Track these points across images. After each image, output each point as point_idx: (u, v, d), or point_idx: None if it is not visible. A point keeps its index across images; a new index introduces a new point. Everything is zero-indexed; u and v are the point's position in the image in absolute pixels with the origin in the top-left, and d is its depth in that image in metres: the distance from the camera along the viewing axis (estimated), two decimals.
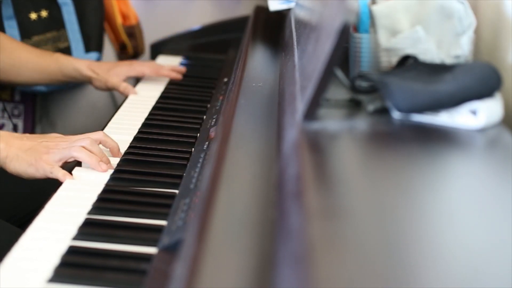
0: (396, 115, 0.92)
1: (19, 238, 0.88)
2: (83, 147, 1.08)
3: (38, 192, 1.26)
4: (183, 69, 1.68)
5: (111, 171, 1.09)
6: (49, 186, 1.03)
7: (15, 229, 1.13)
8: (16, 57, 1.51)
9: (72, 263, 0.83)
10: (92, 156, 1.08)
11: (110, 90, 1.59)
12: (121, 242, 0.88)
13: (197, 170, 1.03)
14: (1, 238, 1.05)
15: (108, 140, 1.15)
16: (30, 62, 1.53)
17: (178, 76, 1.65)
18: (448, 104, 0.89)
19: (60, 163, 1.08)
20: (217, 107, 1.32)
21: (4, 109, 1.70)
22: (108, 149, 1.15)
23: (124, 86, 1.55)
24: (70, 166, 1.12)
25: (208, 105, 1.44)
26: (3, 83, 1.55)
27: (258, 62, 1.47)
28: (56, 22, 1.69)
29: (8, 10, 1.61)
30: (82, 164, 1.10)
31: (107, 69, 1.56)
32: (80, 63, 1.56)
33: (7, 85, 1.59)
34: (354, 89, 0.98)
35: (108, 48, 1.97)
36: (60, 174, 1.06)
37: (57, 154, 1.07)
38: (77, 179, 1.06)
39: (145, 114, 1.39)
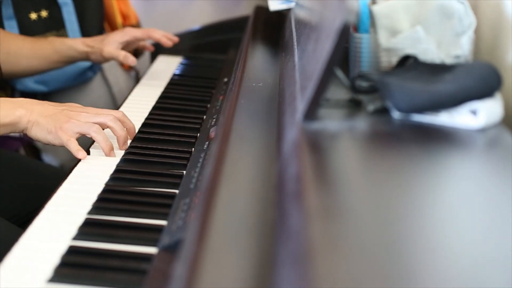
0: (396, 115, 0.92)
1: (20, 238, 0.88)
2: (101, 123, 1.12)
3: (39, 191, 1.26)
4: (175, 38, 1.67)
5: (111, 171, 1.09)
6: (51, 186, 1.04)
7: (16, 229, 1.13)
8: (11, 45, 1.50)
9: (72, 263, 0.83)
10: (108, 141, 1.12)
11: (107, 60, 1.56)
12: (121, 242, 0.88)
13: (197, 170, 1.03)
14: (2, 237, 1.05)
15: (126, 120, 1.18)
16: (26, 49, 1.52)
17: (168, 43, 1.63)
18: (448, 104, 0.89)
19: (78, 135, 1.10)
20: (217, 107, 1.32)
21: None
22: (126, 129, 1.18)
23: (123, 54, 1.52)
24: (71, 166, 1.12)
25: (208, 105, 1.44)
26: (4, 76, 1.54)
27: (258, 62, 1.47)
28: (56, 22, 1.69)
29: (8, 10, 1.62)
30: (83, 163, 1.11)
31: (101, 39, 1.55)
32: (74, 41, 1.55)
33: (8, 78, 1.58)
34: (354, 89, 0.98)
35: None
36: (74, 148, 1.09)
37: (77, 126, 1.09)
38: (78, 179, 1.06)
39: (145, 114, 1.39)
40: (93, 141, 1.20)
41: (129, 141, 1.18)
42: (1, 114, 1.08)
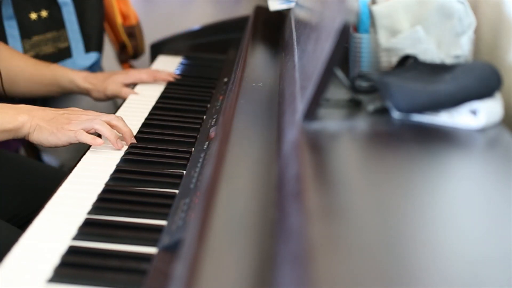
0: (396, 115, 0.92)
1: (19, 238, 0.88)
2: (109, 122, 1.14)
3: (38, 192, 1.26)
4: (178, 76, 1.66)
5: (111, 171, 1.09)
6: (50, 187, 1.04)
7: (16, 230, 1.13)
8: (12, 65, 1.49)
9: (72, 263, 0.83)
10: (113, 131, 1.14)
11: (110, 98, 1.56)
12: (121, 242, 0.88)
13: (197, 170, 1.03)
14: (2, 238, 1.05)
15: (124, 123, 1.19)
16: (27, 72, 1.51)
17: (177, 77, 1.64)
18: (448, 104, 0.89)
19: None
20: (217, 107, 1.32)
21: None
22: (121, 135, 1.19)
23: (126, 91, 1.52)
24: (71, 166, 1.12)
25: (208, 105, 1.44)
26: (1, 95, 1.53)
27: (258, 62, 1.47)
28: (56, 22, 1.69)
29: (8, 10, 1.61)
30: (82, 163, 1.11)
31: (104, 78, 1.54)
32: (76, 75, 1.53)
33: (3, 97, 1.56)
34: (354, 89, 0.98)
35: (108, 48, 1.97)
36: (87, 138, 1.11)
37: (78, 124, 1.12)
38: (78, 179, 1.06)
39: (145, 114, 1.39)
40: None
41: (125, 147, 1.18)
42: (4, 120, 1.10)
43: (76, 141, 1.11)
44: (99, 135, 1.16)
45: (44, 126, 1.11)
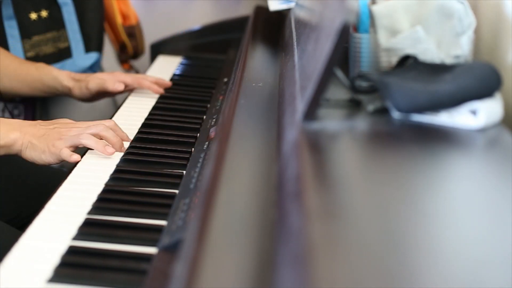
0: (396, 115, 0.92)
1: (19, 239, 0.88)
2: (93, 134, 1.13)
3: (38, 193, 1.26)
4: (167, 83, 1.57)
5: (111, 171, 1.09)
6: (51, 188, 1.04)
7: (16, 231, 1.13)
8: None
9: (72, 263, 0.83)
10: (99, 141, 1.13)
11: (93, 96, 1.49)
12: (121, 242, 0.88)
13: (197, 170, 1.03)
14: (1, 240, 1.05)
15: (117, 129, 1.19)
16: (11, 69, 1.48)
17: (160, 90, 1.53)
18: (448, 104, 0.89)
19: (71, 149, 1.12)
20: (217, 107, 1.32)
21: (4, 109, 1.70)
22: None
23: (112, 81, 1.46)
24: (71, 166, 1.12)
25: (208, 105, 1.44)
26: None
27: (258, 62, 1.47)
28: (56, 22, 1.69)
29: (8, 10, 1.61)
30: (83, 162, 1.11)
31: (87, 75, 1.50)
32: (60, 73, 1.49)
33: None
34: (354, 89, 0.98)
35: (108, 48, 1.97)
36: (67, 155, 1.11)
37: (68, 141, 1.12)
38: (78, 179, 1.06)
39: (145, 114, 1.39)
40: None
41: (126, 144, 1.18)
42: None
43: (62, 158, 1.11)
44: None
45: (36, 143, 1.12)
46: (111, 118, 1.39)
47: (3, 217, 1.21)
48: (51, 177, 1.39)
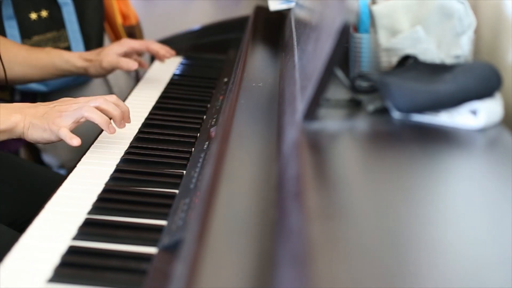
0: (396, 115, 0.92)
1: (19, 240, 0.88)
2: (98, 107, 1.12)
3: (37, 197, 1.26)
4: (173, 51, 1.65)
5: (111, 171, 1.09)
6: (50, 190, 1.04)
7: (16, 234, 1.13)
8: (5, 51, 1.49)
9: (72, 263, 0.83)
10: (103, 116, 1.12)
11: (108, 72, 1.54)
12: (121, 242, 0.88)
13: (197, 170, 1.03)
14: (1, 242, 1.05)
15: (120, 104, 1.18)
16: (20, 56, 1.51)
17: (166, 55, 1.62)
18: (448, 104, 0.89)
19: (73, 125, 1.11)
20: (217, 107, 1.33)
21: None
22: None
23: (125, 61, 1.51)
24: (72, 164, 1.12)
25: (208, 105, 1.44)
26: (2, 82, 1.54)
27: (258, 62, 1.47)
28: (56, 22, 1.69)
29: (8, 10, 1.61)
30: (83, 162, 1.11)
31: (98, 52, 1.53)
32: (71, 55, 1.53)
33: (2, 84, 1.57)
34: (354, 89, 0.98)
35: None
36: (66, 136, 1.09)
37: (69, 117, 1.11)
38: (78, 179, 1.06)
39: (145, 114, 1.39)
40: (92, 143, 1.20)
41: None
42: None
43: (60, 137, 1.09)
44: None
45: (36, 123, 1.10)
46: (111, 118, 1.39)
47: (3, 221, 1.21)
48: (50, 181, 1.38)
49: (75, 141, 1.09)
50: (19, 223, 1.25)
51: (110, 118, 1.15)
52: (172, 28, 2.04)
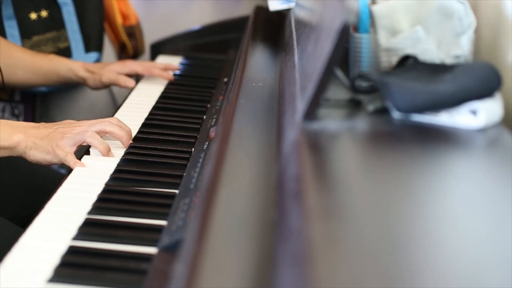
0: (396, 115, 0.92)
1: (20, 238, 0.88)
2: (98, 131, 1.14)
3: (40, 192, 1.26)
4: (176, 66, 1.68)
5: (111, 171, 1.09)
6: (51, 187, 1.04)
7: (18, 229, 1.13)
8: (9, 55, 1.51)
9: (72, 263, 0.83)
10: (104, 143, 1.13)
11: (106, 86, 1.58)
12: (121, 242, 0.88)
13: (197, 170, 1.03)
14: (3, 237, 1.05)
15: (121, 125, 1.19)
16: (24, 61, 1.53)
17: (170, 77, 1.63)
18: (448, 104, 0.89)
19: (75, 148, 1.12)
20: (217, 107, 1.32)
21: (5, 108, 1.70)
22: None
23: (124, 79, 1.55)
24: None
25: (208, 105, 1.44)
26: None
27: (258, 62, 1.47)
28: (56, 22, 1.69)
29: (8, 10, 1.61)
30: (84, 161, 1.11)
31: (101, 66, 1.57)
32: (75, 64, 1.56)
33: (3, 86, 1.58)
34: (354, 89, 0.98)
35: (108, 48, 1.97)
36: (71, 162, 1.10)
37: (71, 139, 1.11)
38: (78, 179, 1.06)
39: (145, 114, 1.39)
40: None
41: (118, 155, 1.17)
42: (0, 138, 1.10)
43: (66, 163, 1.10)
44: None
45: (39, 144, 1.11)
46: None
47: (5, 216, 1.21)
48: (50, 177, 1.39)
49: (79, 164, 1.10)
50: (20, 219, 1.26)
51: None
52: (172, 28, 2.04)
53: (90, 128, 1.13)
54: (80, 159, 1.12)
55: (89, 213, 0.95)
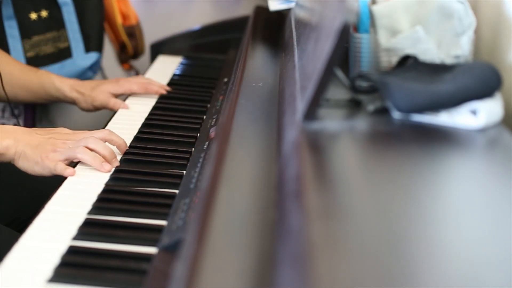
0: (396, 115, 0.92)
1: (19, 239, 0.88)
2: (87, 147, 1.09)
3: (38, 196, 1.26)
4: (169, 88, 1.56)
5: (111, 171, 1.09)
6: (50, 190, 1.03)
7: (15, 234, 1.13)
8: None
9: (72, 263, 0.83)
10: (96, 157, 1.09)
11: (98, 109, 1.49)
12: (121, 242, 0.88)
13: (197, 170, 1.03)
14: (1, 242, 1.05)
15: (113, 138, 1.14)
16: (13, 77, 1.47)
17: (164, 92, 1.54)
18: (448, 104, 0.89)
19: (66, 162, 1.08)
20: (217, 107, 1.33)
21: (5, 109, 1.70)
22: (115, 146, 1.15)
23: (114, 102, 1.45)
24: (72, 165, 1.12)
25: (208, 105, 1.44)
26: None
27: (258, 62, 1.47)
28: (56, 22, 1.69)
29: (8, 10, 1.61)
30: (83, 163, 1.10)
31: (92, 87, 1.48)
32: (62, 83, 1.48)
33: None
34: (354, 89, 0.98)
35: (108, 48, 1.97)
36: (61, 169, 1.07)
37: (62, 154, 1.08)
38: (78, 179, 1.06)
39: (145, 114, 1.39)
40: None
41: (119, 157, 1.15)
42: None
43: (57, 173, 1.07)
44: None
45: (29, 154, 1.08)
46: (111, 118, 1.39)
47: (2, 220, 1.21)
48: (49, 180, 1.38)
49: (69, 171, 1.07)
50: (19, 222, 1.25)
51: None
52: (172, 28, 2.04)
53: (79, 144, 1.09)
54: (74, 174, 1.10)
55: (89, 213, 0.95)
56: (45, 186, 1.13)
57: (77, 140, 1.10)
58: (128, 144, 1.19)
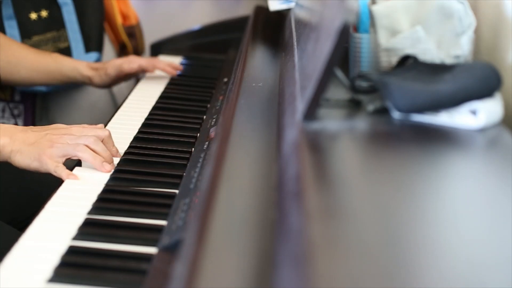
0: (396, 115, 0.92)
1: (19, 239, 0.88)
2: (88, 146, 1.08)
3: (39, 195, 1.26)
4: (179, 66, 1.68)
5: (111, 171, 1.09)
6: (50, 190, 1.03)
7: (16, 232, 1.13)
8: (13, 54, 1.51)
9: (72, 263, 0.83)
10: (97, 157, 1.08)
11: (112, 79, 1.57)
12: (121, 242, 0.88)
13: (197, 170, 1.03)
14: (1, 240, 1.05)
15: (109, 143, 1.13)
16: (28, 60, 1.53)
17: (173, 72, 1.65)
18: (448, 104, 0.89)
19: (64, 159, 1.07)
20: (217, 107, 1.32)
21: (5, 109, 1.70)
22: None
23: (128, 62, 1.56)
24: (71, 164, 1.12)
25: (208, 105, 1.44)
26: (2, 82, 1.54)
27: (258, 62, 1.47)
28: (56, 22, 1.69)
29: (8, 10, 1.61)
30: (83, 163, 1.10)
31: (104, 63, 1.59)
32: (79, 63, 1.57)
33: (6, 84, 1.58)
34: (354, 89, 0.98)
35: (108, 48, 1.97)
36: (64, 173, 1.05)
37: (61, 150, 1.06)
38: (78, 179, 1.06)
39: (145, 114, 1.39)
40: None
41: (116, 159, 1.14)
42: None
43: (56, 175, 1.06)
44: None
45: (25, 151, 1.06)
46: (111, 118, 1.39)
47: (3, 219, 1.21)
48: (49, 180, 1.38)
49: (73, 177, 1.05)
50: (18, 222, 1.25)
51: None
52: (172, 28, 2.04)
53: (77, 141, 1.08)
54: (74, 167, 1.10)
55: (89, 213, 0.95)
56: (45, 186, 1.13)
57: (76, 137, 1.10)
58: (128, 144, 1.19)
